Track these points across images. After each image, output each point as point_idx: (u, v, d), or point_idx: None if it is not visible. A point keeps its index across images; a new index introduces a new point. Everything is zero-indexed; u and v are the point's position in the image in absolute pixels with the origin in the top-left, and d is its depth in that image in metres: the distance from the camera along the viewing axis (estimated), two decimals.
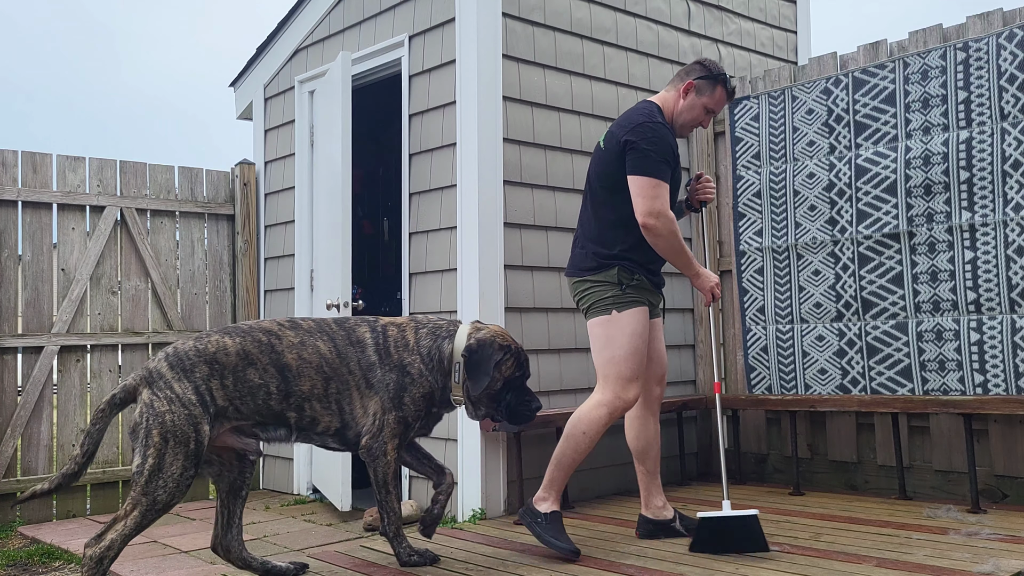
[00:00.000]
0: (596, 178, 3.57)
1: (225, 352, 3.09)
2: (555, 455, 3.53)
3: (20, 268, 5.05)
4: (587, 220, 3.62)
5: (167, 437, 2.94)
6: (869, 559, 3.19)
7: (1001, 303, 4.09)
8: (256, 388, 3.11)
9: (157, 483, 2.94)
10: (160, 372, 3.04)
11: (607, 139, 3.55)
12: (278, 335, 3.21)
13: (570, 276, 3.67)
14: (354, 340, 3.27)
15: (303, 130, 5.53)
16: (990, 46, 4.18)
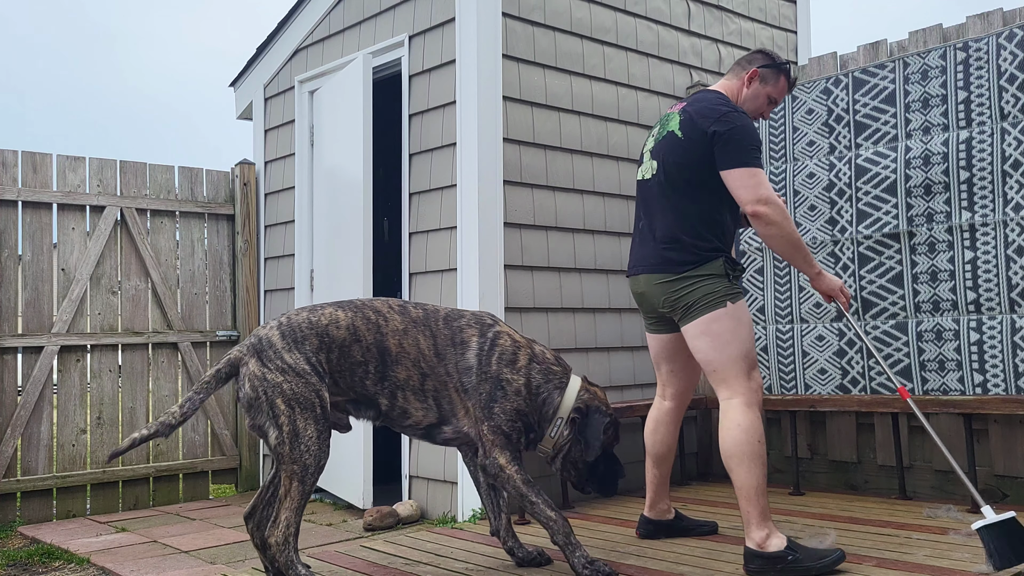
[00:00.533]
0: (676, 170, 3.24)
1: (336, 326, 3.08)
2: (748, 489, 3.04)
3: (20, 268, 5.06)
4: (666, 214, 3.26)
5: (291, 404, 2.95)
6: (869, 559, 3.19)
7: (1001, 303, 4.09)
8: (356, 365, 3.09)
9: (300, 449, 2.94)
10: (271, 341, 3.03)
11: (685, 128, 3.25)
12: (385, 317, 3.17)
13: (659, 273, 3.27)
14: (459, 341, 3.19)
15: (303, 130, 5.54)
16: (990, 46, 4.18)
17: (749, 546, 3.04)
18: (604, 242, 4.94)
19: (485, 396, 3.14)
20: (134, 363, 5.41)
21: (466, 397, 3.16)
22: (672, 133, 3.29)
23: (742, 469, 3.05)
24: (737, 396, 3.13)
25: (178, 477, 5.51)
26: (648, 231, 3.34)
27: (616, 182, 5.02)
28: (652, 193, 3.33)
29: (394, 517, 4.42)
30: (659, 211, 3.29)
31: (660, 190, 3.29)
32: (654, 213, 3.31)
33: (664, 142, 3.32)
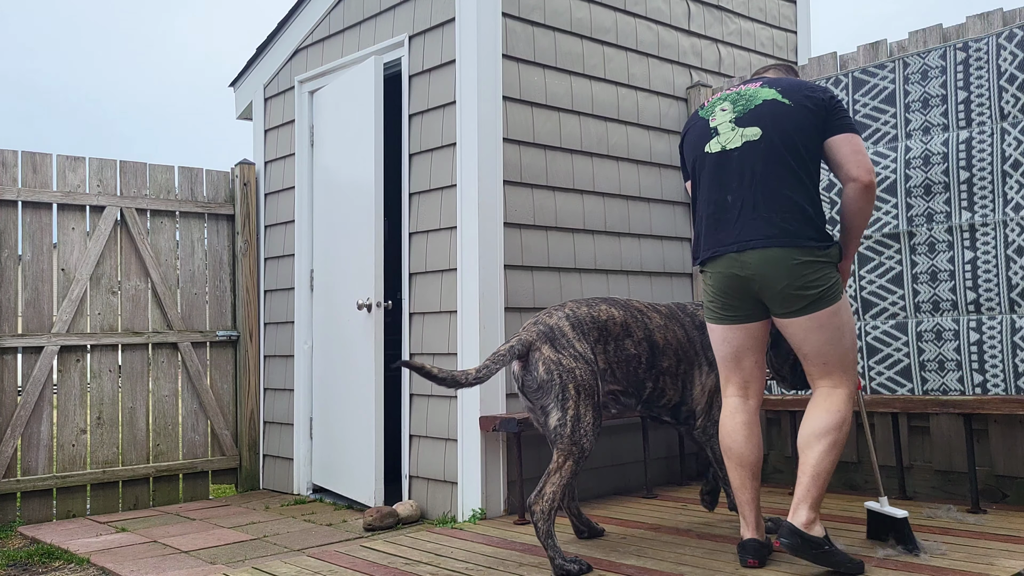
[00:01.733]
0: (790, 135, 3.01)
1: (613, 321, 3.42)
2: (820, 471, 2.99)
3: (20, 268, 5.06)
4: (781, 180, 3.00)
5: (580, 390, 3.21)
6: (868, 559, 3.19)
7: (1001, 303, 4.09)
8: (630, 358, 3.44)
9: (579, 433, 3.20)
10: (563, 331, 3.31)
11: (790, 96, 3.06)
12: (647, 314, 3.56)
13: (783, 247, 2.97)
14: (698, 323, 3.63)
15: (303, 130, 5.54)
16: (990, 46, 4.18)
17: (793, 522, 2.96)
18: (604, 242, 4.94)
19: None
20: (134, 363, 5.41)
21: (708, 372, 3.58)
22: (775, 101, 3.07)
23: (822, 449, 2.99)
24: (842, 387, 3.08)
25: (178, 477, 5.51)
26: (744, 204, 3.02)
27: (616, 182, 5.02)
28: (747, 162, 3.03)
29: (394, 517, 4.42)
30: (764, 179, 3.00)
31: (769, 156, 3.00)
32: (752, 183, 3.01)
33: (764, 110, 3.06)
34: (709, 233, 3.12)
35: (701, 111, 3.28)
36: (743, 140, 3.06)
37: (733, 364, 3.21)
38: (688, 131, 3.31)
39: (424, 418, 4.63)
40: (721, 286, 3.12)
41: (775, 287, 2.99)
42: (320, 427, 5.37)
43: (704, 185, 3.16)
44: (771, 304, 3.06)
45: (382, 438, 4.79)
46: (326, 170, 5.36)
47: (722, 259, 3.07)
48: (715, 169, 3.11)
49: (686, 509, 4.27)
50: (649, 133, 5.23)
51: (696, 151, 3.20)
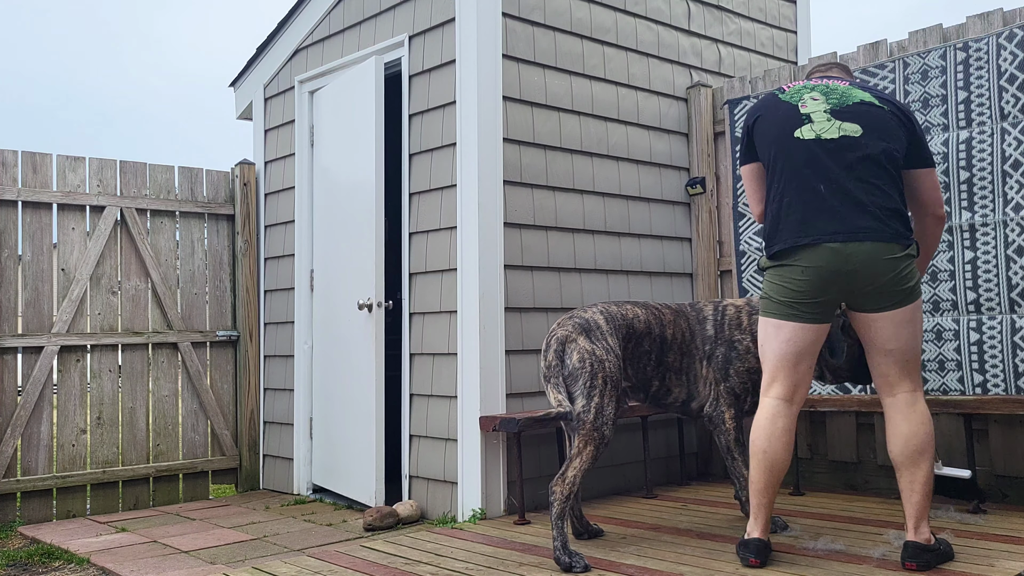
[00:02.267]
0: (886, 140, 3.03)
1: (638, 320, 3.60)
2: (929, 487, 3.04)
3: (20, 268, 5.06)
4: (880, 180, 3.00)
5: (607, 381, 3.34)
6: (869, 559, 3.19)
7: (1001, 303, 4.09)
8: (643, 355, 3.62)
9: (601, 420, 3.31)
10: (598, 324, 3.47)
11: (885, 103, 3.09)
12: (662, 312, 3.72)
13: (889, 242, 2.96)
14: (701, 318, 3.77)
15: (303, 130, 5.54)
16: (990, 46, 4.18)
17: (918, 541, 3.03)
18: (604, 242, 4.94)
19: (721, 359, 3.70)
20: (134, 363, 5.41)
21: (707, 365, 3.71)
22: (872, 103, 3.07)
23: (928, 465, 3.02)
24: (919, 389, 3.08)
25: (178, 477, 5.51)
26: (844, 196, 2.97)
27: (616, 182, 5.02)
28: (846, 156, 3.00)
29: (394, 517, 4.42)
30: (863, 176, 2.97)
31: (869, 154, 2.99)
32: (851, 177, 2.98)
33: (862, 109, 3.06)
34: (801, 221, 3.00)
35: (781, 95, 3.19)
36: (841, 133, 3.02)
37: (790, 365, 3.10)
38: (763, 114, 3.20)
39: (424, 418, 4.63)
40: (814, 280, 3.00)
41: (878, 281, 2.96)
42: (320, 427, 5.37)
43: (790, 170, 3.06)
44: (866, 299, 3.01)
45: (382, 438, 4.79)
46: (326, 170, 5.36)
47: (819, 249, 2.97)
48: (809, 156, 3.03)
49: (686, 509, 4.27)
50: (649, 133, 5.23)
51: (782, 134, 3.09)
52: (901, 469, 3.05)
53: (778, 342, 3.10)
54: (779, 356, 3.11)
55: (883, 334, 3.03)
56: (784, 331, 3.08)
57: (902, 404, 3.06)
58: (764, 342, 3.18)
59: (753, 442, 3.14)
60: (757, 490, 3.13)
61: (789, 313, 3.07)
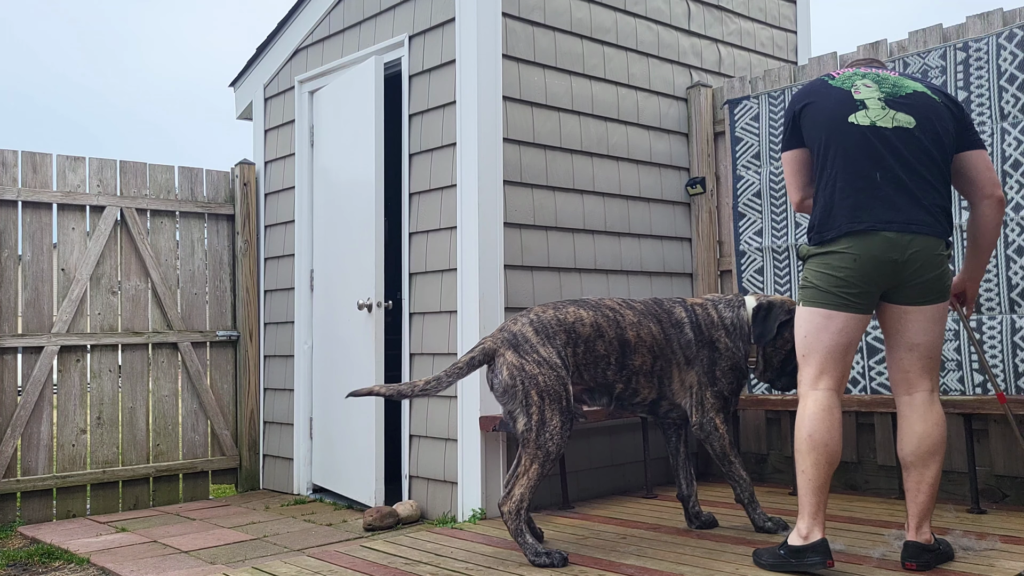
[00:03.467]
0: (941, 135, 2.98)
1: (582, 323, 3.46)
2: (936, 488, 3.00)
3: (20, 268, 5.06)
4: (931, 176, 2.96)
5: (543, 396, 3.29)
6: (869, 559, 3.19)
7: (1001, 303, 4.09)
8: (599, 359, 3.48)
9: (544, 437, 3.28)
10: (526, 337, 3.38)
11: (937, 93, 3.06)
12: (620, 312, 3.56)
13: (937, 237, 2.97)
14: (676, 322, 3.63)
15: (303, 130, 5.54)
16: (990, 46, 4.18)
17: (919, 541, 2.99)
18: (604, 242, 4.94)
19: (706, 362, 3.61)
20: (134, 363, 5.41)
21: (687, 370, 3.61)
22: (926, 95, 3.03)
23: (939, 466, 2.99)
24: (937, 390, 3.06)
25: (178, 477, 5.51)
26: (900, 186, 2.93)
27: (616, 182, 5.02)
28: (900, 146, 2.95)
29: (394, 517, 4.42)
30: (916, 169, 2.94)
31: (922, 148, 2.96)
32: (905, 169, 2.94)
33: (916, 100, 3.01)
34: (856, 206, 2.93)
35: (831, 80, 3.11)
36: (895, 123, 2.97)
37: (839, 356, 3.01)
38: (814, 99, 3.10)
39: (424, 418, 4.63)
40: (868, 270, 2.93)
41: (926, 275, 2.95)
42: (320, 427, 5.37)
43: (845, 156, 2.97)
44: (906, 292, 2.97)
45: (382, 438, 4.79)
46: (326, 170, 5.36)
47: (875, 237, 2.90)
48: (864, 142, 2.96)
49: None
50: (649, 133, 5.23)
51: (834, 119, 3.01)
52: (910, 468, 3.00)
53: (828, 333, 2.99)
54: (830, 347, 3.00)
55: (914, 327, 2.99)
56: (836, 321, 2.98)
57: (920, 403, 3.02)
58: (809, 332, 3.03)
59: (809, 436, 2.96)
60: (816, 487, 2.95)
61: (840, 303, 2.97)
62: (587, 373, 3.48)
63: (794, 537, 2.99)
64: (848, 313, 2.97)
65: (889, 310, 3.05)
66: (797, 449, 3.00)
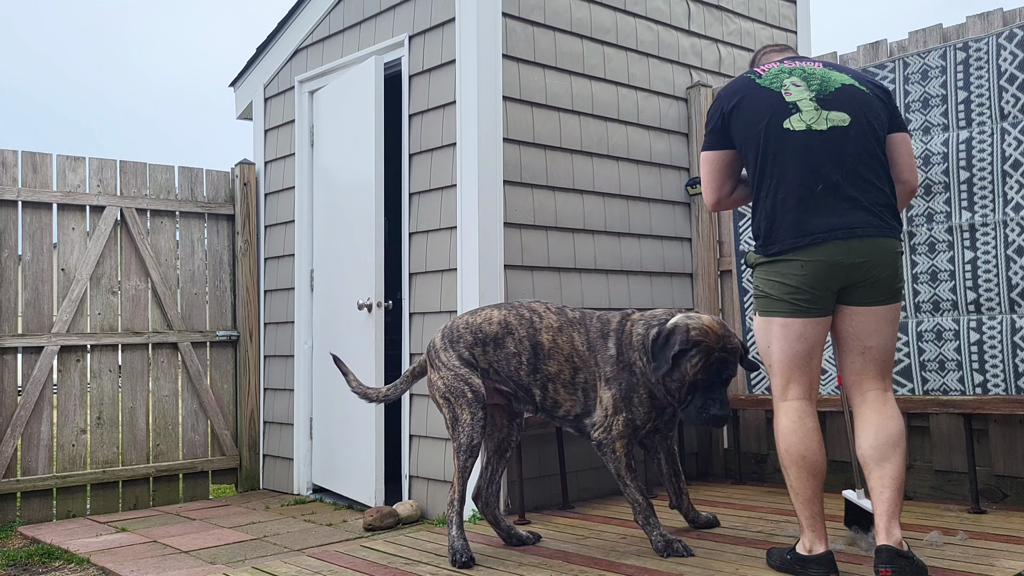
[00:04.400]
0: (876, 127, 2.95)
1: (489, 322, 3.52)
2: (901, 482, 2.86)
3: (20, 268, 5.06)
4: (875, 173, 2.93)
5: (447, 396, 3.46)
6: (869, 560, 3.18)
7: (1001, 303, 4.09)
8: (510, 357, 3.48)
9: (457, 430, 3.43)
10: (435, 345, 3.58)
11: (864, 84, 3.02)
12: (540, 315, 3.51)
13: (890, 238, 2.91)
14: (605, 333, 3.44)
15: (303, 130, 5.54)
16: (990, 46, 4.18)
17: (890, 543, 2.76)
18: (604, 242, 4.94)
19: (624, 386, 3.34)
20: (134, 363, 5.41)
21: (607, 388, 3.36)
22: (854, 87, 2.98)
23: (900, 459, 2.87)
24: (890, 389, 3.00)
25: (178, 477, 5.51)
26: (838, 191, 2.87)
27: (616, 182, 5.02)
28: (836, 148, 2.89)
29: (394, 517, 4.42)
30: (856, 169, 2.89)
31: (860, 146, 2.91)
32: (843, 171, 2.88)
33: (846, 95, 2.96)
34: (799, 218, 2.87)
35: (758, 80, 3.03)
36: (829, 124, 2.91)
37: (804, 363, 2.93)
38: (742, 99, 3.01)
39: (424, 418, 4.63)
40: (817, 275, 2.86)
41: (881, 275, 2.89)
42: (320, 427, 5.37)
43: (783, 165, 2.91)
44: (858, 291, 2.90)
45: (382, 438, 4.79)
46: (326, 170, 5.36)
47: (824, 246, 2.84)
48: (801, 150, 2.89)
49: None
50: (649, 133, 5.23)
51: (769, 126, 2.93)
52: (870, 465, 2.87)
53: (787, 341, 2.93)
54: (791, 355, 2.93)
55: (866, 328, 2.92)
56: (793, 328, 2.91)
57: (872, 399, 2.95)
58: (770, 343, 2.97)
59: (786, 451, 2.90)
60: (805, 500, 2.89)
61: (795, 309, 2.90)
62: (502, 371, 3.49)
63: (800, 547, 2.97)
64: (805, 319, 2.89)
65: (840, 312, 2.95)
66: (781, 464, 2.95)
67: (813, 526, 2.90)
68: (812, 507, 2.89)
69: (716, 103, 3.11)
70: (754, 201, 3.04)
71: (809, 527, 2.91)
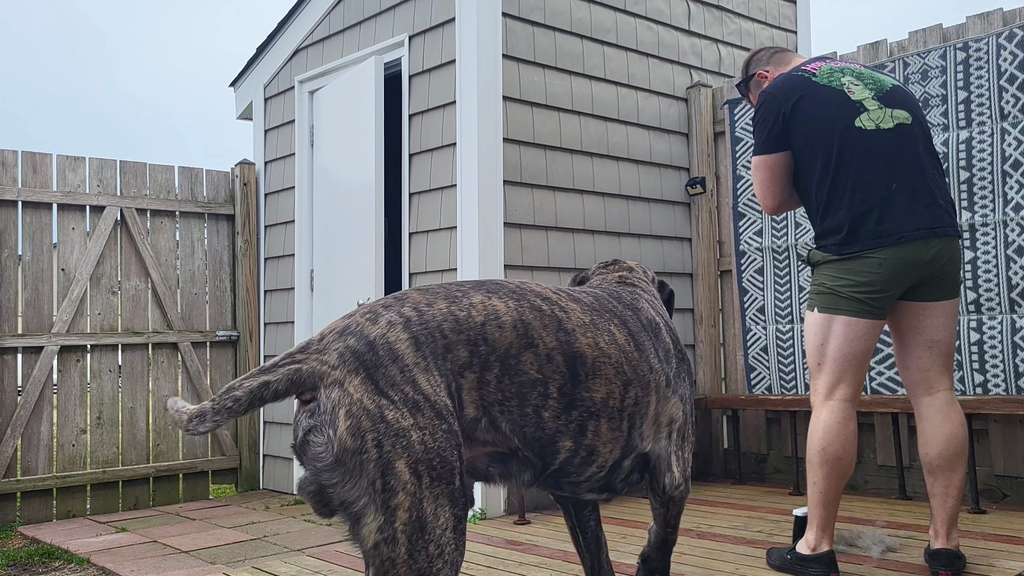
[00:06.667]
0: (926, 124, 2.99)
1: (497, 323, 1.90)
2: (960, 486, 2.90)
3: (20, 268, 5.06)
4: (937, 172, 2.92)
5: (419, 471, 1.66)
6: (869, 559, 3.19)
7: (1001, 303, 4.09)
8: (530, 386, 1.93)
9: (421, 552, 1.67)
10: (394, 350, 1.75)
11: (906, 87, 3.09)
12: (565, 307, 2.07)
13: (958, 236, 2.92)
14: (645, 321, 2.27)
15: (303, 130, 5.54)
16: (990, 46, 4.18)
17: (950, 547, 2.89)
18: (604, 242, 4.94)
19: (689, 392, 2.35)
20: (134, 363, 5.41)
21: (670, 393, 2.25)
22: (900, 87, 3.00)
23: (964, 468, 2.89)
24: (953, 388, 2.98)
25: (178, 477, 5.51)
26: (915, 189, 2.84)
27: (616, 182, 5.02)
28: (904, 146, 2.87)
29: None
30: (924, 166, 2.88)
31: (924, 143, 2.92)
32: (914, 169, 2.86)
33: (900, 95, 2.96)
34: (880, 220, 2.81)
35: (814, 78, 2.95)
36: (895, 122, 2.88)
37: (857, 365, 2.87)
38: (802, 98, 2.91)
39: None
40: (894, 272, 2.80)
41: (952, 271, 2.89)
42: None
43: (858, 165, 2.84)
44: (931, 289, 2.89)
45: None
46: (326, 170, 5.36)
47: (908, 245, 2.79)
48: (875, 149, 2.84)
49: (686, 509, 4.27)
50: (649, 133, 5.23)
51: (840, 125, 2.87)
52: (937, 472, 2.88)
53: (846, 340, 2.84)
54: (848, 355, 2.85)
55: (934, 323, 2.90)
56: (856, 328, 2.84)
57: (943, 403, 2.91)
58: (824, 340, 2.88)
59: (822, 450, 2.85)
60: (827, 500, 2.86)
61: (862, 309, 2.82)
62: (507, 419, 1.89)
63: (802, 545, 2.97)
64: (868, 320, 2.84)
65: (906, 309, 2.93)
66: (809, 461, 2.91)
67: (824, 526, 2.90)
68: (831, 508, 2.89)
69: (770, 103, 2.97)
70: (824, 202, 2.90)
71: (820, 526, 2.90)
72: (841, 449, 2.84)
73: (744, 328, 5.03)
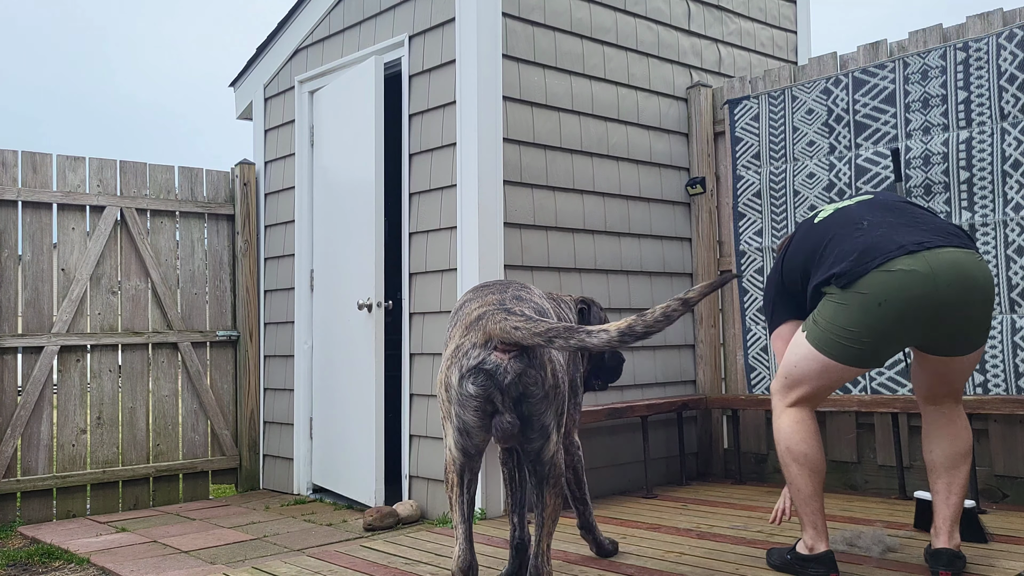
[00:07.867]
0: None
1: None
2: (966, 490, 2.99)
3: (20, 268, 5.06)
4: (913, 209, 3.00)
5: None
6: (869, 559, 3.19)
7: (1001, 303, 4.09)
8: None
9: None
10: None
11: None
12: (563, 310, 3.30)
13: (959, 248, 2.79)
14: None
15: (303, 130, 5.54)
16: (990, 46, 4.18)
17: (951, 547, 2.93)
18: (604, 242, 4.94)
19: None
20: (134, 363, 5.41)
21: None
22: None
23: (968, 469, 2.96)
24: (961, 402, 3.05)
25: (178, 477, 5.51)
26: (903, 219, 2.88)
27: (616, 182, 5.02)
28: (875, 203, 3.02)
29: (394, 517, 4.42)
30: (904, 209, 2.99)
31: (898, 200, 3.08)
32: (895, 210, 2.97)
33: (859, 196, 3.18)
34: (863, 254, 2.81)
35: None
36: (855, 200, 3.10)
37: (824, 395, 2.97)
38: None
39: (424, 418, 4.63)
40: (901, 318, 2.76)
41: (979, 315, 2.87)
42: (320, 427, 5.37)
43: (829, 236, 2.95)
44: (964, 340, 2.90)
45: (382, 438, 4.79)
46: (326, 170, 5.36)
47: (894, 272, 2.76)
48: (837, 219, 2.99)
49: (686, 509, 4.27)
50: (649, 133, 5.23)
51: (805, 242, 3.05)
52: (940, 471, 2.95)
53: (829, 380, 2.89)
54: (826, 389, 2.92)
55: (957, 374, 2.93)
56: (843, 373, 2.86)
57: (947, 409, 3.00)
58: (807, 372, 2.88)
59: (787, 449, 2.92)
60: (806, 498, 2.91)
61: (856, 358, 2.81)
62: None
63: (801, 546, 2.99)
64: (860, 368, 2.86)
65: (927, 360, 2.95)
66: (781, 463, 2.96)
67: (814, 523, 2.92)
68: (813, 504, 2.92)
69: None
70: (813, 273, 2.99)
71: (810, 524, 2.93)
72: (804, 446, 2.90)
73: (744, 328, 5.03)
